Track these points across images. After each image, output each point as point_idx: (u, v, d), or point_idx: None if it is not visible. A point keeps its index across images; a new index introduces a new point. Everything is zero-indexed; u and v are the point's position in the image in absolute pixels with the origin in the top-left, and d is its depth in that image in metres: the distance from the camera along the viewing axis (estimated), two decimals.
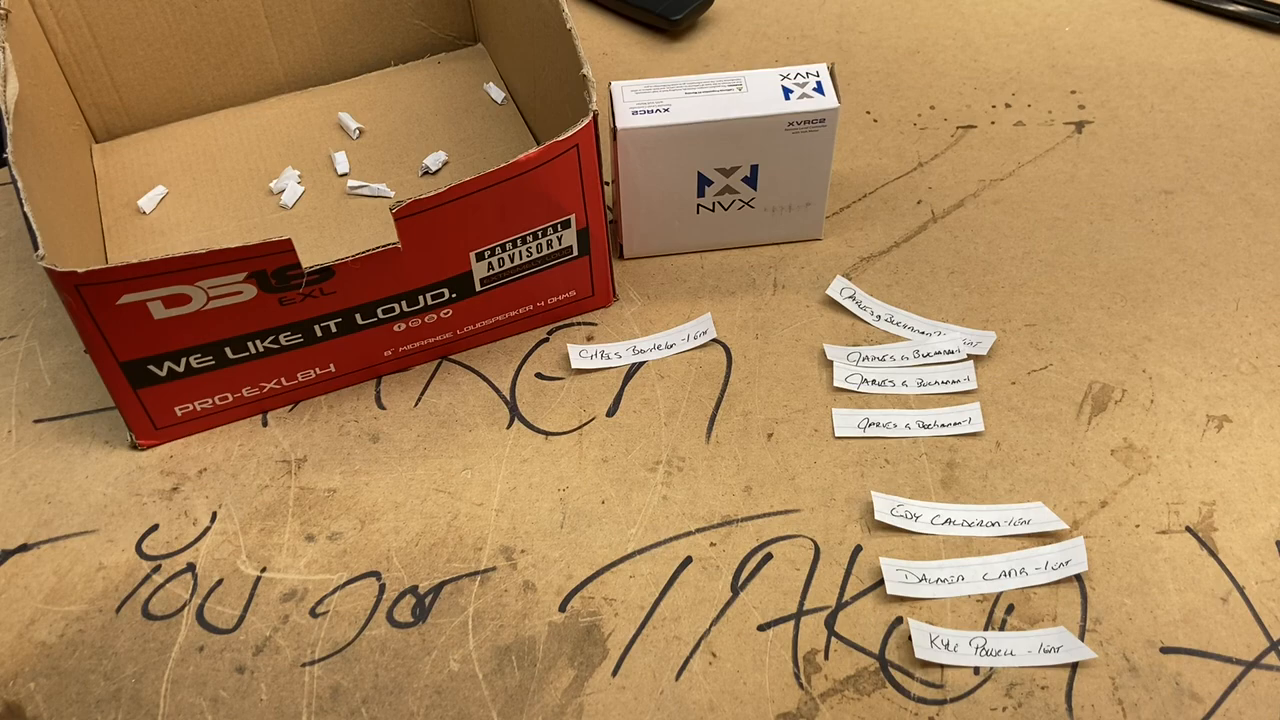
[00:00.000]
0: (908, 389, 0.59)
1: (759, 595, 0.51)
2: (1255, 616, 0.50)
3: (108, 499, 0.56)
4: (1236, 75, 0.77)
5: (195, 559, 0.53)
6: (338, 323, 0.56)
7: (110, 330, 0.52)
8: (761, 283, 0.65)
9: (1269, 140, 0.72)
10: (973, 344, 0.60)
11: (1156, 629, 0.49)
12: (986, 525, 0.53)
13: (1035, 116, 0.74)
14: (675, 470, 0.56)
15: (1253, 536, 0.52)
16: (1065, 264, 0.65)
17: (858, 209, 0.69)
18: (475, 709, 0.48)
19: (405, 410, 0.59)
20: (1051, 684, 0.48)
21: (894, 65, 0.79)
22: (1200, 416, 0.57)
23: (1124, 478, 0.55)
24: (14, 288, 0.65)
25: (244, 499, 0.56)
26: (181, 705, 0.48)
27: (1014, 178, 0.70)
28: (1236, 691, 0.47)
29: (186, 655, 0.50)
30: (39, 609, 0.52)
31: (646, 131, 0.60)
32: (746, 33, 0.82)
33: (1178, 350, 0.60)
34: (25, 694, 0.49)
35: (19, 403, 0.60)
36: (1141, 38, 0.80)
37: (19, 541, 0.54)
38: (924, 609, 0.50)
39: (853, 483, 0.55)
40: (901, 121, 0.74)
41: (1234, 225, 0.67)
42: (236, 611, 0.51)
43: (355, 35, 0.77)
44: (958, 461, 0.56)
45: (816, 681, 0.48)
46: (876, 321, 0.62)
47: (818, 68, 0.63)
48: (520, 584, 0.52)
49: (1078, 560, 0.51)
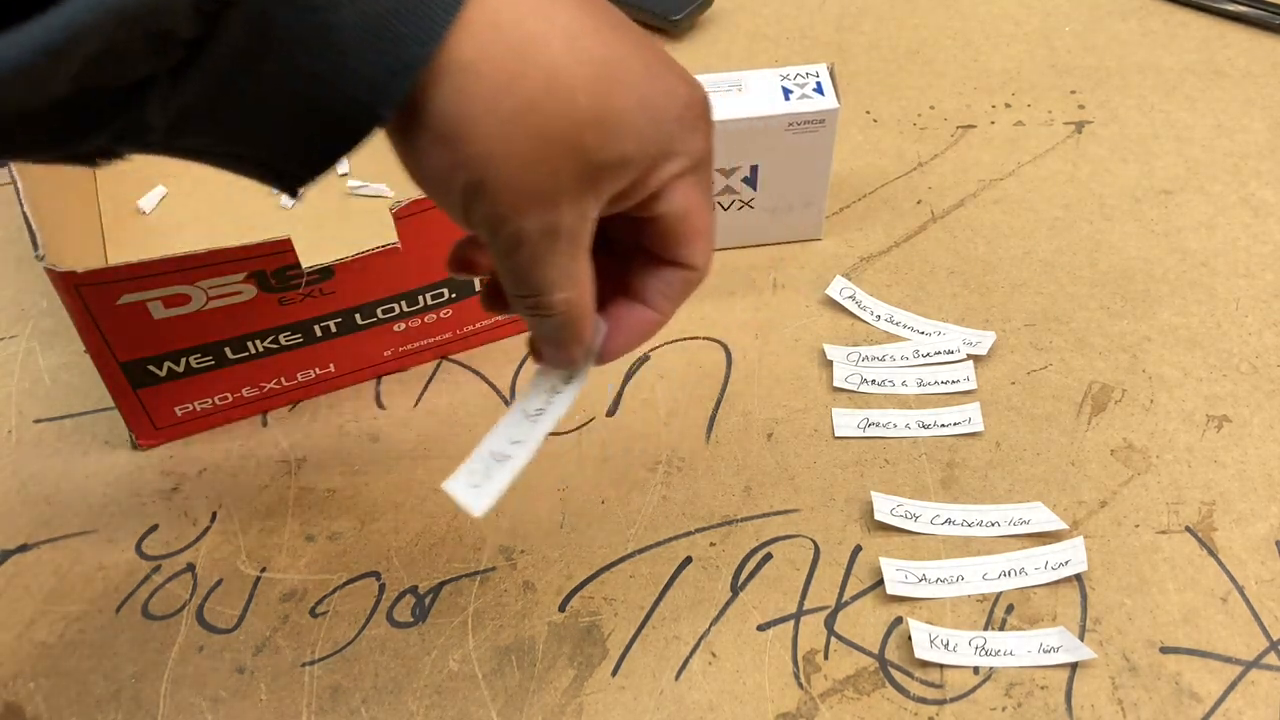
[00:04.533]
0: (907, 389, 0.59)
1: (759, 595, 0.51)
2: (1255, 616, 0.50)
3: (108, 499, 0.56)
4: (1236, 75, 0.77)
5: (195, 559, 0.53)
6: (337, 323, 0.56)
7: (110, 330, 0.52)
8: (761, 283, 0.65)
9: (1269, 140, 0.72)
10: (972, 344, 0.60)
11: (1156, 629, 0.49)
12: (986, 525, 0.53)
13: (1035, 116, 0.74)
14: (675, 470, 0.56)
15: (1252, 536, 0.52)
16: (1065, 264, 0.65)
17: (858, 209, 0.69)
18: (475, 709, 0.48)
19: (405, 410, 0.59)
20: (1051, 684, 0.48)
21: (894, 65, 0.79)
22: (1200, 416, 0.57)
23: (1124, 478, 0.55)
24: (14, 288, 0.65)
25: (244, 499, 0.56)
26: (181, 705, 0.48)
27: (1014, 178, 0.70)
28: (1236, 691, 0.47)
29: (186, 655, 0.50)
30: (39, 609, 0.52)
31: None
32: (746, 33, 0.82)
33: (1178, 350, 0.60)
34: (25, 694, 0.49)
35: (19, 403, 0.60)
36: (1141, 38, 0.80)
37: (19, 541, 0.54)
38: (924, 609, 0.50)
39: (852, 483, 0.55)
40: (901, 121, 0.74)
41: (1234, 225, 0.67)
42: (236, 611, 0.51)
43: None
44: (957, 461, 0.56)
45: (816, 681, 0.48)
46: (876, 321, 0.62)
47: (818, 68, 0.63)
48: (520, 584, 0.52)
49: (1077, 560, 0.51)
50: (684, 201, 0.35)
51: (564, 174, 0.31)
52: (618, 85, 0.31)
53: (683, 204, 0.35)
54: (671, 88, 0.33)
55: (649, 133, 0.32)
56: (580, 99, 0.30)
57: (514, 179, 0.31)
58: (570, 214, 0.32)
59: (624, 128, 0.32)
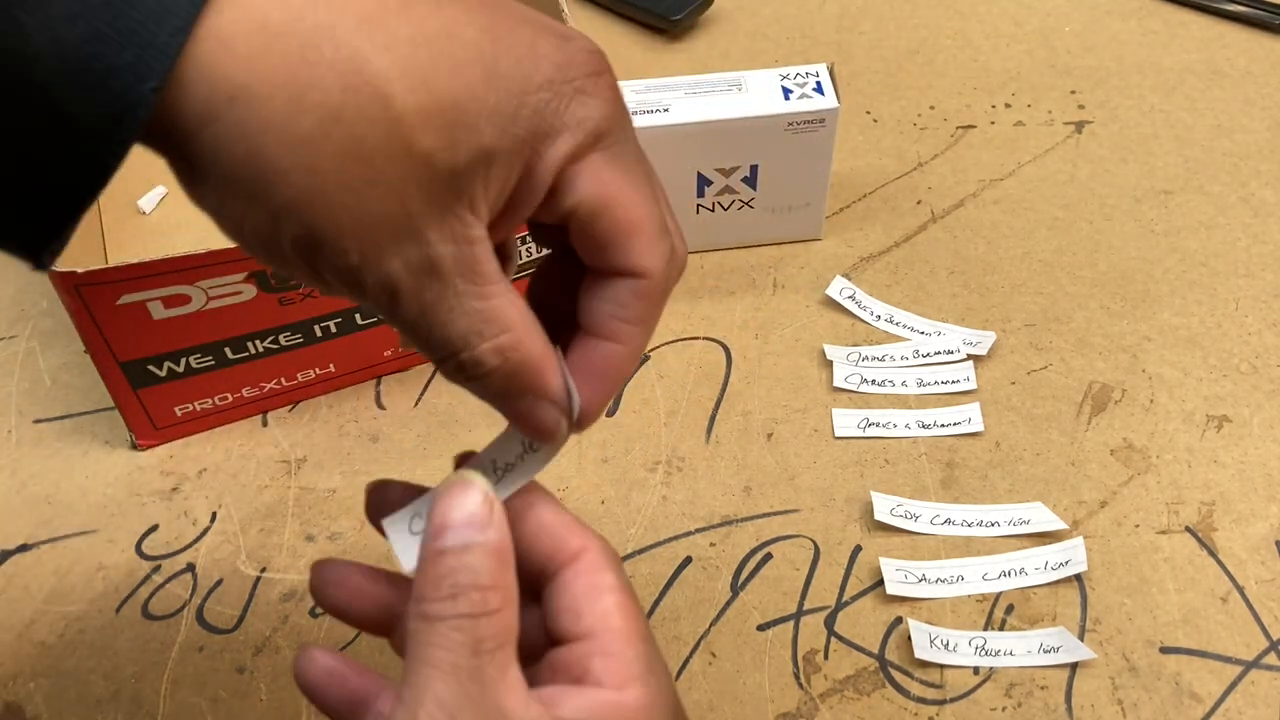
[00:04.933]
0: (907, 389, 0.59)
1: (758, 595, 0.51)
2: (1255, 616, 0.50)
3: (108, 499, 0.56)
4: (1236, 75, 0.77)
5: (195, 559, 0.53)
6: (338, 323, 0.56)
7: (110, 330, 0.52)
8: (761, 283, 0.65)
9: (1269, 140, 0.72)
10: (972, 344, 0.60)
11: (1156, 629, 0.49)
12: (986, 525, 0.53)
13: (1035, 116, 0.74)
14: (675, 470, 0.56)
15: (1252, 536, 0.52)
16: (1065, 264, 0.65)
17: (858, 209, 0.69)
18: None
19: (405, 410, 0.59)
20: (1051, 684, 0.48)
21: (894, 65, 0.79)
22: (1200, 416, 0.57)
23: (1124, 478, 0.55)
24: (14, 288, 0.65)
25: (244, 499, 0.56)
26: (181, 705, 0.48)
27: (1014, 178, 0.70)
28: (1236, 691, 0.47)
29: (186, 655, 0.50)
30: (39, 609, 0.52)
31: (646, 131, 0.60)
32: (746, 33, 0.82)
33: (1178, 350, 0.60)
34: (25, 694, 0.49)
35: (19, 403, 0.60)
36: (1141, 38, 0.80)
37: (19, 541, 0.54)
38: (923, 609, 0.50)
39: (852, 483, 0.55)
40: (901, 121, 0.74)
41: (1234, 225, 0.67)
42: (236, 611, 0.51)
43: None
44: (957, 461, 0.56)
45: (816, 681, 0.48)
46: (876, 321, 0.62)
47: (817, 68, 0.63)
48: None
49: (1077, 560, 0.51)
50: (596, 188, 0.27)
51: (410, 192, 0.25)
52: (444, 63, 0.24)
53: (595, 191, 0.27)
54: (530, 49, 0.26)
55: (508, 111, 0.25)
56: (395, 93, 0.24)
57: (347, 216, 0.24)
58: (442, 240, 0.26)
59: (468, 114, 0.25)
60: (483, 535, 0.29)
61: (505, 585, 0.29)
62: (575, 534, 0.32)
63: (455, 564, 0.28)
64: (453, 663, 0.27)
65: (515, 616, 0.29)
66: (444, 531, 0.29)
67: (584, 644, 0.30)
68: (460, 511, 0.29)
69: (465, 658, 0.28)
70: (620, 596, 0.31)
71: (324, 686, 0.32)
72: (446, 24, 0.25)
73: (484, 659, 0.28)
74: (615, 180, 0.28)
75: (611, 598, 0.31)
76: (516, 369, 0.28)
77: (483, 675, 0.28)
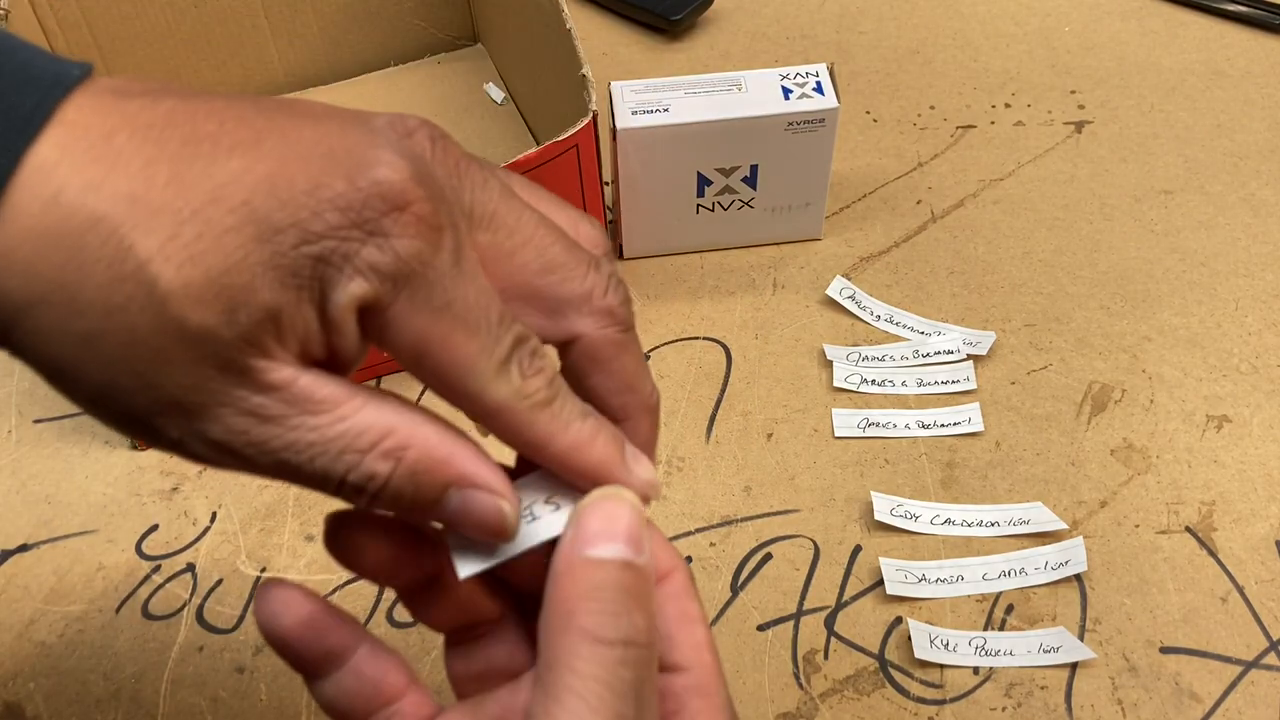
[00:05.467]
0: (907, 389, 0.59)
1: (758, 595, 0.51)
2: (1255, 616, 0.50)
3: (108, 499, 0.56)
4: (1236, 75, 0.77)
5: (195, 559, 0.53)
6: None
7: None
8: (761, 283, 0.65)
9: (1269, 140, 0.72)
10: (972, 344, 0.60)
11: (1156, 629, 0.49)
12: (986, 525, 0.53)
13: (1035, 116, 0.74)
14: (675, 470, 0.56)
15: (1252, 536, 0.52)
16: (1065, 264, 0.65)
17: (858, 209, 0.69)
18: None
19: None
20: (1051, 684, 0.48)
21: (894, 65, 0.79)
22: (1200, 416, 0.57)
23: (1124, 478, 0.55)
24: None
25: (244, 499, 0.56)
26: (181, 705, 0.48)
27: (1014, 178, 0.70)
28: (1236, 691, 0.47)
29: (186, 655, 0.50)
30: (39, 609, 0.52)
31: (646, 131, 0.60)
32: (746, 33, 0.82)
33: (1177, 350, 0.60)
34: (25, 694, 0.49)
35: (19, 403, 0.60)
36: (1141, 38, 0.80)
37: (19, 541, 0.54)
38: (923, 609, 0.50)
39: (852, 483, 0.55)
40: (901, 121, 0.74)
41: (1234, 225, 0.67)
42: (236, 611, 0.51)
43: (355, 35, 0.77)
44: (957, 461, 0.56)
45: (816, 681, 0.48)
46: (876, 321, 0.62)
47: (817, 68, 0.63)
48: None
49: (1077, 560, 0.51)
50: (409, 337, 0.26)
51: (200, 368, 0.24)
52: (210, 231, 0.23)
53: (408, 341, 0.26)
54: (312, 193, 0.24)
55: (286, 264, 0.24)
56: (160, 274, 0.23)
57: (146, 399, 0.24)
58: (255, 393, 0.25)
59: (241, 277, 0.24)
60: (640, 558, 0.27)
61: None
62: (665, 553, 0.30)
63: (617, 579, 0.26)
64: (618, 712, 0.25)
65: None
66: (598, 541, 0.27)
67: (679, 677, 0.28)
68: (621, 524, 0.27)
69: (630, 705, 0.25)
70: (708, 631, 0.29)
71: (301, 640, 0.28)
72: (216, 187, 0.23)
73: (646, 714, 0.26)
74: (426, 326, 0.26)
75: (702, 630, 0.29)
76: (416, 466, 0.26)
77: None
